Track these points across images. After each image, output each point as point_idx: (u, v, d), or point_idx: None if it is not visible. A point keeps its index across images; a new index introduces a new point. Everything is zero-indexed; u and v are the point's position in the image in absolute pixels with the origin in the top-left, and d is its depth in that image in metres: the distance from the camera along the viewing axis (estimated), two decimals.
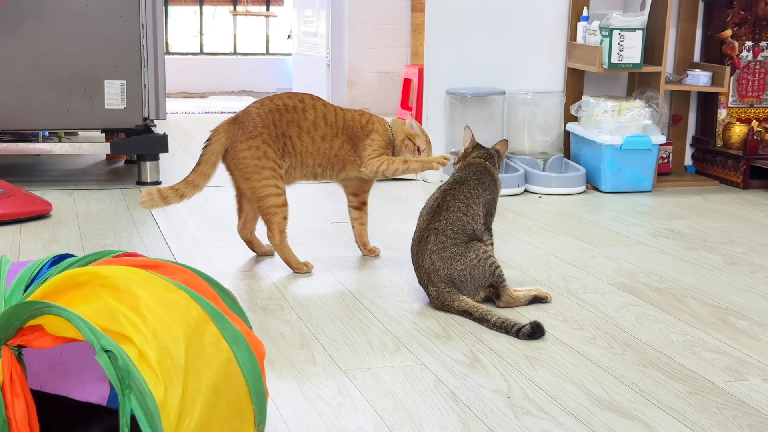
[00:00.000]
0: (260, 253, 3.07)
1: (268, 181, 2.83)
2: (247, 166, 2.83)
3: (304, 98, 2.92)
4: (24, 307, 1.30)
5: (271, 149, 2.83)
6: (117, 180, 4.33)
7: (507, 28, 4.41)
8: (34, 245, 3.14)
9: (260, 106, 2.88)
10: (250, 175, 2.84)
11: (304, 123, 2.87)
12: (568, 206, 3.93)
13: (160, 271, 1.45)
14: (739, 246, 3.30)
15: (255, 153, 2.82)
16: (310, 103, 2.91)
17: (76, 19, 4.07)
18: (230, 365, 1.37)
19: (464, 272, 2.49)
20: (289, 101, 2.89)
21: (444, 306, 2.50)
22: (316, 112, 2.90)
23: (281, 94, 2.94)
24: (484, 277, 2.50)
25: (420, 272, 2.56)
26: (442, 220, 2.53)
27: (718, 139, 4.56)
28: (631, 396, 2.00)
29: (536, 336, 2.32)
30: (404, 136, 2.99)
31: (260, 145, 2.82)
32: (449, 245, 2.50)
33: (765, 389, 2.05)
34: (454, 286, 2.49)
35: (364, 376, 2.09)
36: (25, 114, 4.09)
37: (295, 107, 2.88)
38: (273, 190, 2.84)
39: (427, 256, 2.51)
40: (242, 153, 2.82)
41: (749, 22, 4.46)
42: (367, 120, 2.98)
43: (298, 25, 7.79)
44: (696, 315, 2.55)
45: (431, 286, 2.52)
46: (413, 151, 2.99)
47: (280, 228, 2.87)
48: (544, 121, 4.36)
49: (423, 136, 3.01)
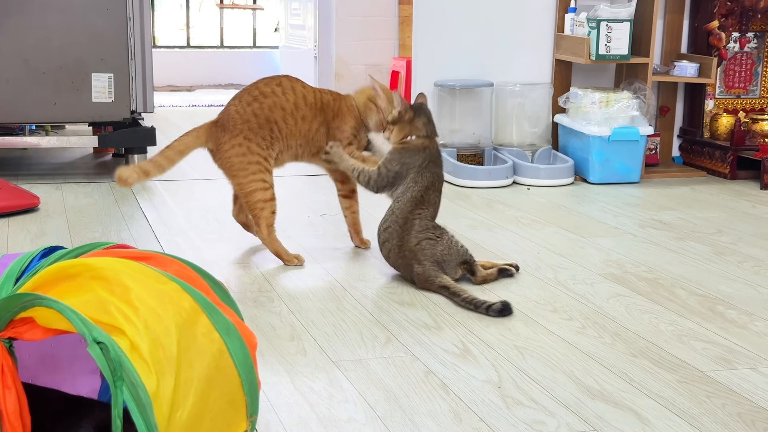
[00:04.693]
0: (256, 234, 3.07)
1: (255, 176, 2.85)
2: (233, 164, 2.85)
3: (281, 81, 2.94)
4: (15, 299, 1.30)
5: (254, 143, 2.85)
6: (105, 173, 4.32)
7: (495, 20, 4.41)
8: (22, 239, 3.13)
9: (237, 103, 2.89)
10: (236, 173, 2.86)
11: (287, 105, 2.89)
12: (557, 197, 3.94)
13: (151, 262, 1.44)
14: (727, 236, 3.31)
15: (239, 150, 2.84)
16: (289, 86, 2.93)
17: (62, 12, 4.05)
18: (222, 356, 1.37)
19: (445, 252, 2.66)
20: (266, 88, 2.91)
21: (428, 282, 2.62)
22: (295, 93, 2.92)
23: (257, 82, 2.95)
24: (458, 255, 2.67)
25: (403, 251, 2.67)
26: (425, 209, 2.70)
27: (705, 130, 4.58)
28: (621, 385, 2.01)
29: (505, 313, 2.44)
30: (365, 99, 3.02)
31: (242, 141, 2.84)
32: (431, 229, 2.69)
33: (754, 378, 2.06)
34: (438, 265, 2.64)
35: (354, 367, 2.09)
36: (12, 107, 4.07)
37: (273, 92, 2.90)
38: (260, 185, 2.85)
39: (413, 236, 2.66)
40: (227, 153, 2.85)
41: (736, 13, 4.47)
42: (334, 98, 3.01)
43: (285, 18, 7.77)
44: (685, 305, 2.56)
45: (416, 264, 2.64)
46: (377, 111, 2.98)
47: (267, 222, 2.88)
48: (532, 112, 4.37)
49: (383, 94, 2.99)
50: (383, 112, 2.96)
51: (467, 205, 3.75)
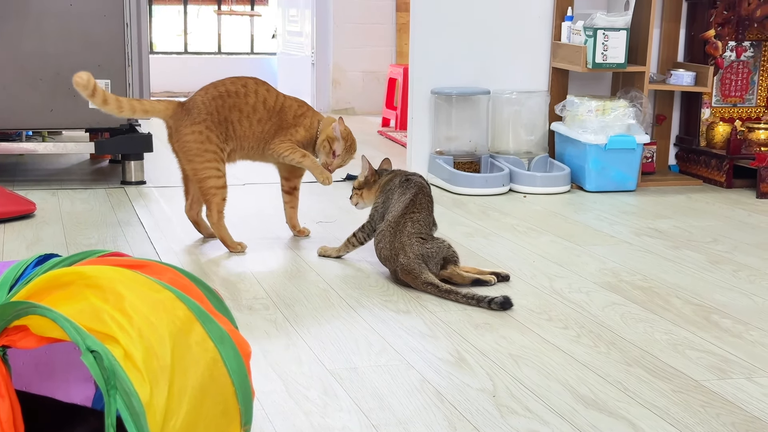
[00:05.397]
0: (206, 234, 3.23)
1: (210, 164, 3.00)
2: (190, 149, 3.01)
3: (247, 83, 3.07)
4: (9, 307, 1.30)
5: (214, 134, 3.00)
6: (101, 180, 4.32)
7: (492, 27, 4.41)
8: (18, 245, 3.12)
9: (204, 94, 3.04)
10: (192, 158, 3.01)
11: (245, 107, 3.04)
12: (553, 205, 3.94)
13: (145, 270, 1.44)
14: (723, 245, 3.32)
15: (198, 137, 3.00)
16: (253, 88, 3.06)
17: (59, 19, 4.05)
18: (216, 365, 1.36)
19: (432, 250, 2.77)
20: (232, 87, 3.05)
21: (411, 274, 2.70)
22: (257, 96, 3.06)
23: (225, 80, 3.08)
24: (441, 252, 2.77)
25: (393, 245, 2.75)
26: (416, 212, 2.81)
27: (701, 138, 4.58)
28: (616, 394, 2.01)
29: (506, 306, 2.54)
30: (325, 137, 3.14)
31: (203, 130, 3.00)
32: (424, 229, 2.81)
33: (748, 387, 2.06)
34: (423, 259, 2.73)
35: (349, 375, 2.09)
36: (9, 114, 4.07)
37: (237, 92, 3.04)
38: (214, 172, 3.01)
39: (406, 233, 2.76)
40: (186, 137, 3.01)
41: (732, 22, 4.48)
42: (302, 113, 3.13)
43: (282, 25, 7.78)
44: (680, 314, 2.56)
45: (402, 255, 2.73)
46: (328, 153, 3.13)
47: (218, 208, 3.04)
48: (528, 120, 4.37)
49: (343, 141, 3.12)
50: (333, 156, 3.12)
51: (463, 213, 3.75)
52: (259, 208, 3.72)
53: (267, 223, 3.46)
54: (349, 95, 7.08)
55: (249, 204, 3.79)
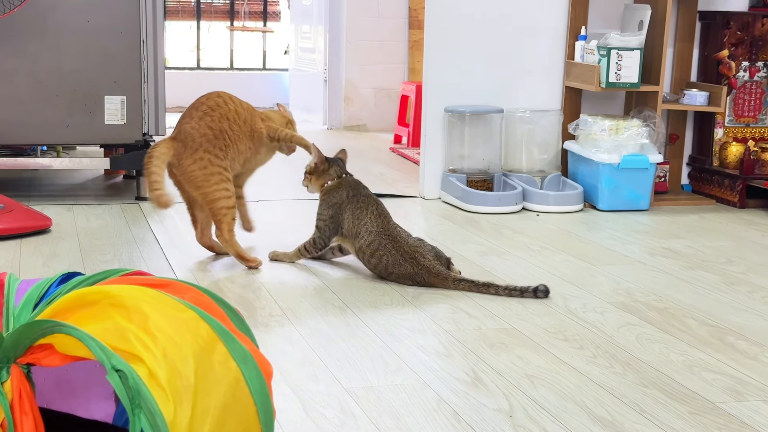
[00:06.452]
0: (221, 253, 3.27)
1: (218, 185, 3.07)
2: (196, 177, 3.08)
3: (220, 94, 3.21)
4: (34, 326, 1.31)
5: (213, 154, 3.08)
6: (116, 195, 4.34)
7: (505, 46, 4.43)
8: (35, 260, 3.14)
9: (191, 120, 3.11)
10: (200, 184, 3.08)
11: (230, 114, 3.15)
12: (566, 224, 3.94)
13: (168, 290, 1.45)
14: (737, 266, 3.31)
15: (200, 164, 3.07)
16: (227, 96, 3.21)
17: (77, 35, 4.08)
18: (239, 385, 1.37)
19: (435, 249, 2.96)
20: (210, 102, 3.15)
21: (439, 277, 2.88)
22: (234, 102, 3.19)
23: (200, 99, 3.18)
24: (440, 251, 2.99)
25: (402, 250, 2.91)
26: (391, 219, 3.01)
27: (714, 158, 4.59)
28: (633, 416, 2.01)
29: (548, 293, 2.81)
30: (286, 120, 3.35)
31: (203, 155, 3.07)
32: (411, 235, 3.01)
33: (766, 410, 2.06)
34: (438, 259, 2.93)
35: (366, 394, 2.09)
36: (25, 129, 4.09)
37: (218, 104, 3.15)
38: (223, 193, 3.08)
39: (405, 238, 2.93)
40: (189, 167, 3.08)
41: (746, 42, 4.49)
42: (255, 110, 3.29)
43: (295, 41, 7.81)
44: (695, 335, 2.56)
45: (420, 258, 2.89)
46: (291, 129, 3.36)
47: (229, 227, 3.10)
48: (541, 139, 4.38)
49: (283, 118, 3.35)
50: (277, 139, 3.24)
51: (476, 231, 3.75)
52: (274, 224, 3.73)
53: (282, 239, 3.47)
54: (361, 112, 7.09)
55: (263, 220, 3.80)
